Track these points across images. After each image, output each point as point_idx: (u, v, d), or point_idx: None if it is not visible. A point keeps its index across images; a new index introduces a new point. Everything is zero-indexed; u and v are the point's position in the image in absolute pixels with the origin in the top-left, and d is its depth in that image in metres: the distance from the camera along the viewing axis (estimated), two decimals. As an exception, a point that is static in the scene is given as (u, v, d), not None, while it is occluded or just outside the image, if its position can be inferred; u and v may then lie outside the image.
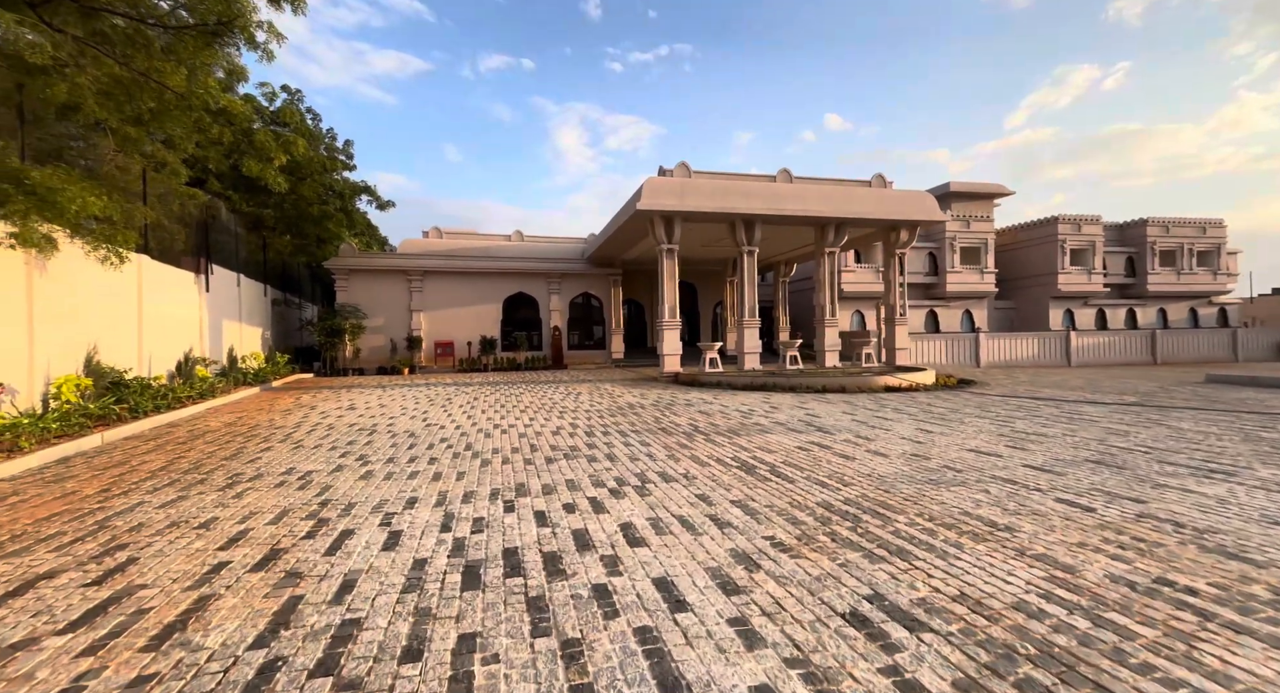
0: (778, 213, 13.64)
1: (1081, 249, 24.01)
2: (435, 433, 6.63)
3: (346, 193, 16.38)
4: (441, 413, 8.33)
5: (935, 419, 7.14)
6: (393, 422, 7.54)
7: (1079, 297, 24.48)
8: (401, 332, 18.57)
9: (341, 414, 8.29)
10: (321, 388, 12.72)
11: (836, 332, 14.96)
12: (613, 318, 20.49)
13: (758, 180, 14.43)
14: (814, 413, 7.82)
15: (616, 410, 8.40)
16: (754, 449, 5.45)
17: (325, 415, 8.19)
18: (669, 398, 9.93)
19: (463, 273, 19.25)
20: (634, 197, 13.42)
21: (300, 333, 19.20)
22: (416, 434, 6.57)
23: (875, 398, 9.58)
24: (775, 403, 9.02)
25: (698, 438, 6.10)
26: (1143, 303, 25.50)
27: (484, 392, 11.42)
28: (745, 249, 14.10)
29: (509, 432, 6.68)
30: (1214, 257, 25.81)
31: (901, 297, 15.54)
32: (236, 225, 13.72)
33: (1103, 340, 21.40)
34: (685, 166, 13.92)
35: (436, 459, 5.23)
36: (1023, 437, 5.87)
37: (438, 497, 4.00)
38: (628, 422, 7.33)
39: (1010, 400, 9.03)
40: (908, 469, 4.56)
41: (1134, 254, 25.24)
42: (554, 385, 12.70)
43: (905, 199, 14.77)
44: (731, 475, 4.47)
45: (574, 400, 9.74)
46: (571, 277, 20.33)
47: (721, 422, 7.20)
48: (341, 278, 17.96)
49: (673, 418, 7.58)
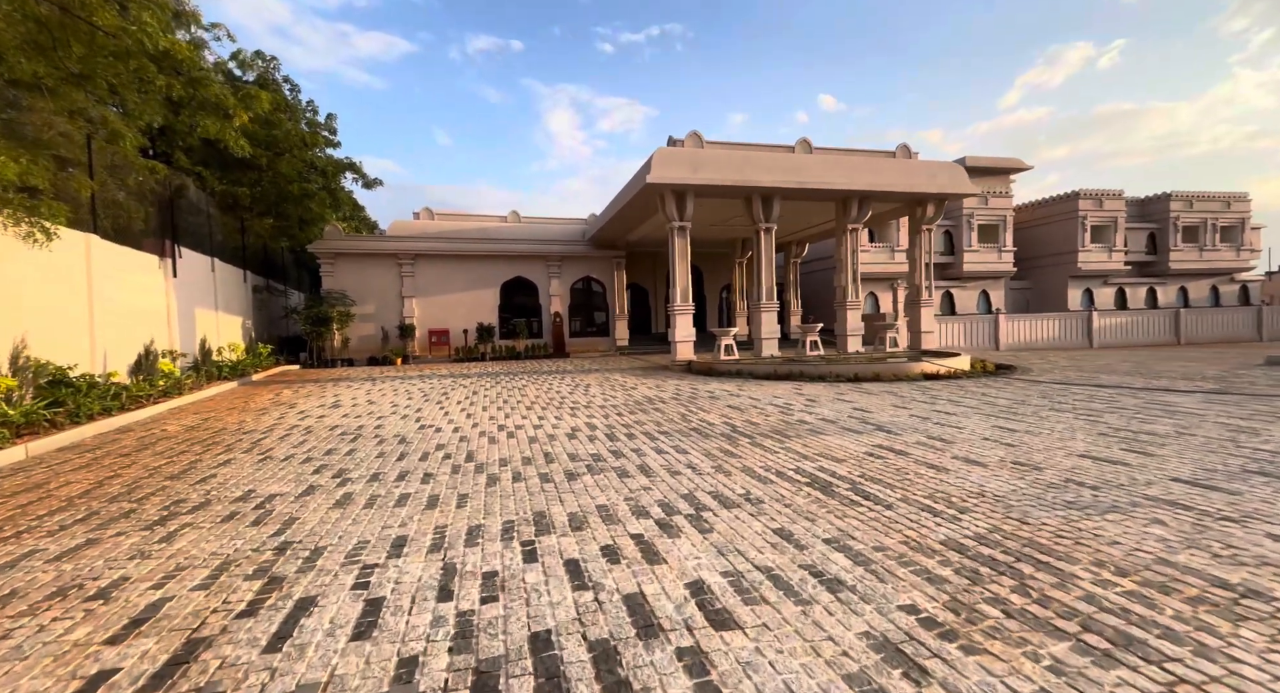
0: (798, 186, 12.57)
1: (1103, 226, 23.03)
2: (430, 438, 5.66)
3: (330, 170, 15.17)
4: (437, 411, 7.35)
5: (1005, 413, 6.21)
6: (381, 423, 6.56)
7: (1099, 275, 23.57)
8: (393, 319, 17.50)
9: (323, 414, 7.30)
10: (306, 381, 11.70)
11: (859, 315, 14.00)
12: (616, 303, 19.46)
13: (775, 151, 13.32)
14: (861, 407, 6.88)
15: (635, 406, 7.44)
16: (815, 457, 4.51)
17: (305, 416, 7.20)
18: (689, 390, 8.98)
19: (457, 256, 18.12)
20: (642, 169, 12.31)
21: (285, 322, 18.09)
22: (408, 440, 5.59)
23: (918, 387, 8.66)
24: (810, 395, 8.08)
25: (741, 442, 5.15)
26: (1163, 281, 24.63)
27: (483, 384, 10.44)
28: (763, 226, 13.05)
29: (516, 435, 5.71)
30: (1237, 232, 24.90)
31: (927, 277, 14.57)
32: (209, 205, 12.55)
33: (1125, 320, 20.55)
34: (697, 136, 12.80)
35: (432, 475, 4.27)
36: (1131, 437, 4.95)
37: (433, 536, 3.04)
38: (651, 420, 6.37)
39: (1073, 389, 8.12)
40: (1024, 485, 3.63)
41: (1156, 230, 24.28)
42: (558, 376, 11.73)
43: (933, 171, 13.70)
44: (805, 497, 3.52)
45: (584, 394, 8.78)
46: (572, 259, 19.24)
47: (759, 419, 6.26)
48: (327, 262, 16.82)
49: (702, 415, 6.64)
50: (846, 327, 13.87)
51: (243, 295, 14.82)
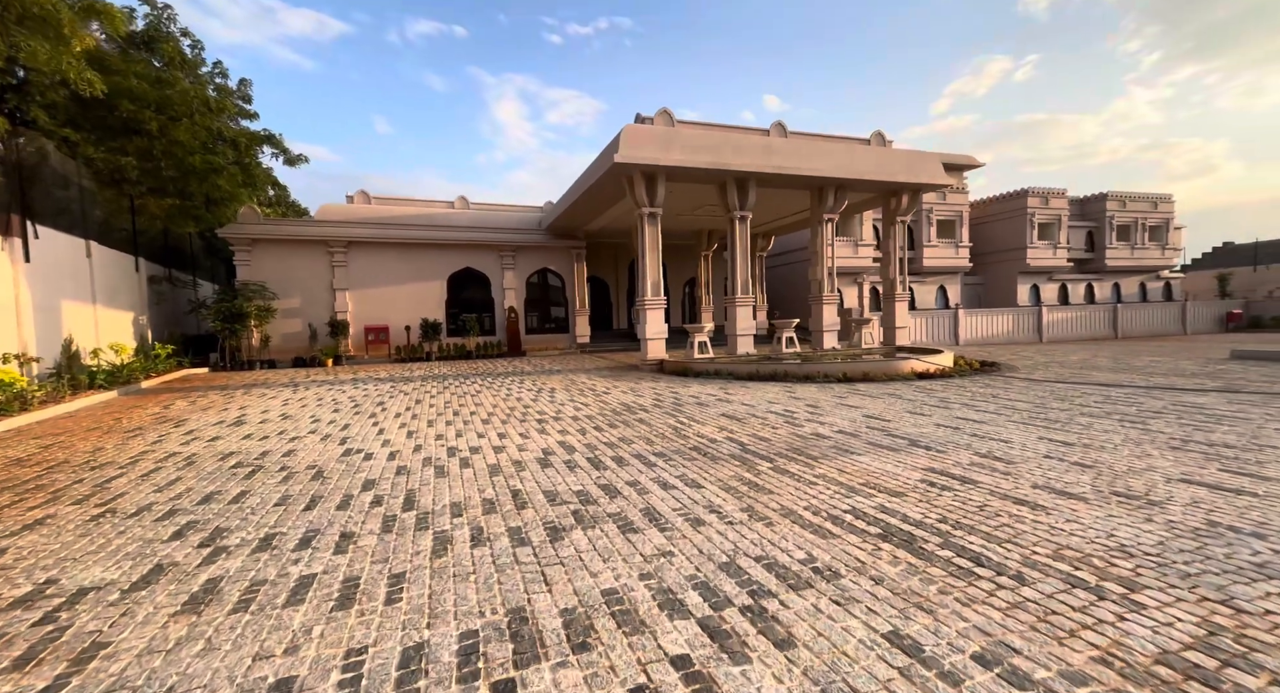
0: (776, 171, 11.73)
1: (1048, 223, 23.78)
2: (357, 469, 4.32)
3: (243, 142, 13.03)
4: (370, 428, 5.94)
5: (1040, 421, 5.51)
6: (293, 447, 5.11)
7: (1045, 271, 24.36)
8: (323, 315, 15.51)
9: (219, 435, 5.74)
10: (210, 389, 9.82)
11: (835, 310, 13.40)
12: (577, 297, 18.17)
13: (749, 133, 12.44)
14: (873, 414, 6.04)
15: (614, 417, 6.30)
16: (865, 490, 3.54)
17: (193, 437, 5.61)
18: (670, 395, 7.92)
19: (398, 244, 16.29)
20: (609, 147, 11.11)
21: (195, 318, 15.69)
22: (326, 474, 4.23)
23: (917, 388, 7.97)
24: (808, 399, 7.20)
25: (760, 467, 4.13)
26: (1100, 278, 25.80)
27: (429, 390, 8.99)
28: (737, 214, 12.15)
29: (472, 462, 4.46)
30: (1163, 231, 26.41)
31: (901, 271, 14.16)
32: (83, 177, 10.33)
33: (1071, 316, 21.23)
34: (668, 114, 11.73)
35: (353, 537, 2.99)
36: (1211, 450, 4.28)
37: (342, 674, 1.82)
38: (638, 437, 5.26)
39: (1080, 389, 7.64)
40: (1162, 532, 2.78)
41: (1094, 229, 25.36)
42: (517, 379, 10.40)
43: (910, 160, 13.24)
44: (893, 562, 2.52)
45: (550, 401, 7.55)
46: (528, 250, 17.77)
47: (768, 433, 5.27)
48: (242, 249, 14.63)
49: (697, 428, 5.59)
50: (823, 322, 13.23)
51: (134, 287, 12.54)
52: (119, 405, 8.02)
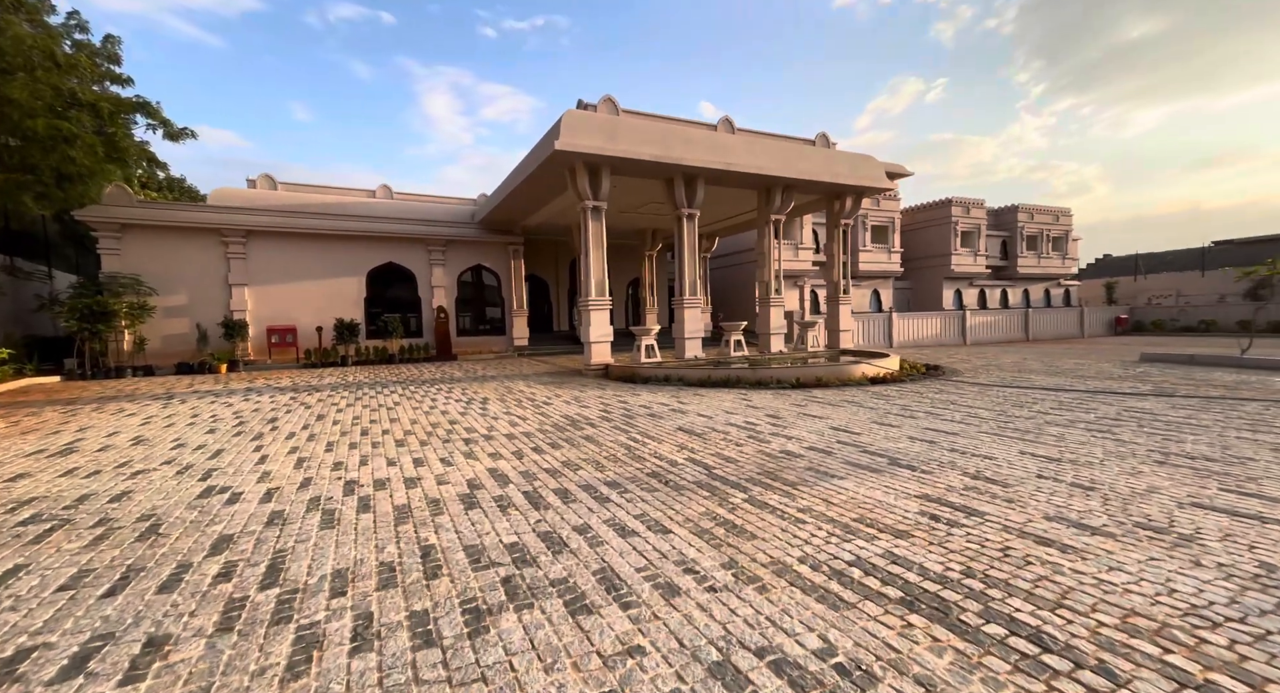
0: (725, 167, 11.28)
1: (970, 231, 25.15)
2: (212, 519, 3.24)
3: (105, 108, 10.92)
4: (249, 455, 4.76)
5: (1011, 432, 5.23)
6: (132, 486, 3.90)
7: (967, 277, 25.76)
8: (215, 313, 13.50)
9: (28, 471, 4.37)
10: (53, 404, 8.01)
11: (782, 313, 13.16)
12: (514, 297, 17.02)
13: (696, 127, 11.93)
14: (840, 426, 5.57)
15: (556, 434, 5.46)
16: (863, 530, 2.95)
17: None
18: (618, 405, 7.17)
19: (309, 235, 14.50)
20: (549, 134, 10.21)
21: (49, 317, 13.16)
22: (165, 528, 3.13)
23: (873, 394, 7.69)
24: (767, 408, 6.68)
25: (733, 499, 3.47)
26: (1013, 284, 27.66)
27: (337, 401, 7.73)
28: (685, 212, 11.60)
29: (374, 504, 3.50)
30: (1064, 242, 28.73)
31: (845, 273, 14.17)
32: None
33: (990, 319, 22.51)
34: (612, 102, 10.98)
35: (164, 647, 2.00)
36: (1193, 464, 4.07)
37: None
38: (586, 459, 4.47)
39: (1030, 394, 7.62)
40: (1218, 580, 2.35)
41: (1007, 238, 27.15)
42: (445, 387, 9.27)
43: (854, 163, 13.24)
44: (934, 651, 1.90)
45: (481, 414, 6.59)
46: (460, 244, 16.43)
47: (731, 451, 4.64)
48: (109, 236, 12.42)
49: (652, 446, 4.87)
50: (769, 325, 12.95)
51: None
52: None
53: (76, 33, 12.27)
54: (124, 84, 12.82)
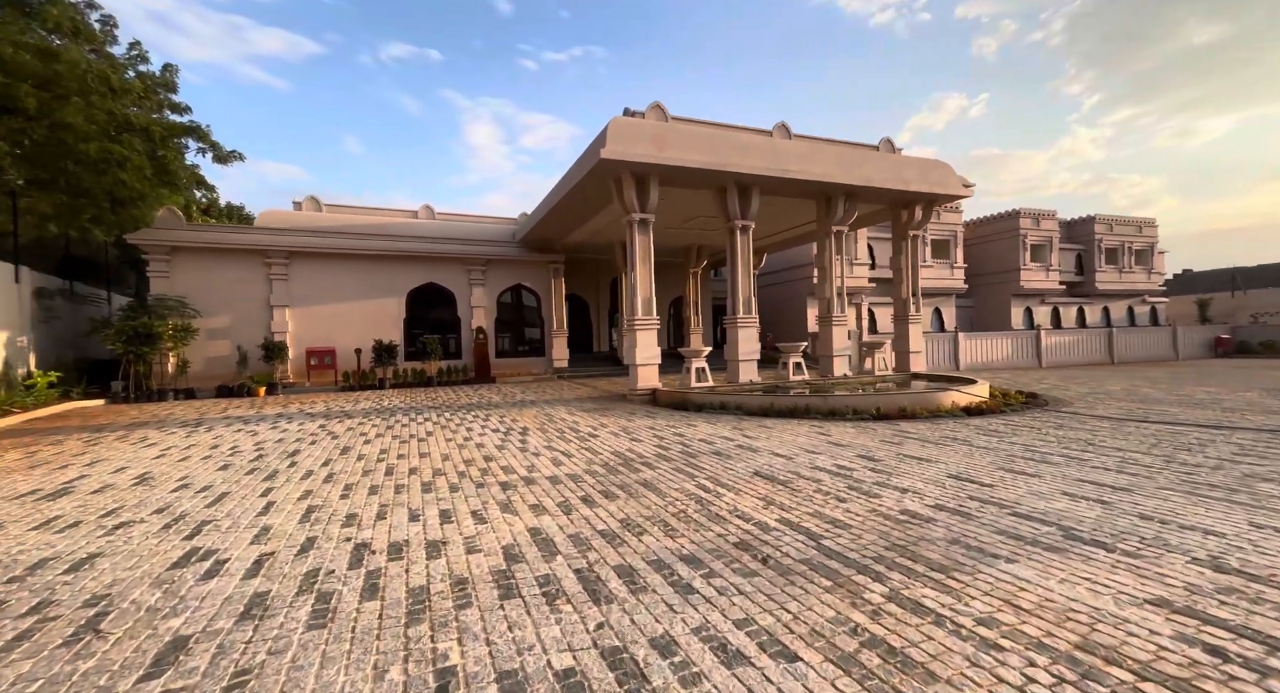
0: (782, 175, 10.37)
1: (1040, 245, 23.24)
2: (174, 608, 2.45)
3: (157, 132, 11.05)
4: (254, 501, 4.04)
5: (1206, 489, 3.99)
6: (102, 547, 3.20)
7: (1037, 294, 23.74)
8: (256, 335, 13.38)
9: (2, 522, 3.76)
10: (83, 430, 7.69)
11: (845, 332, 11.98)
12: (554, 317, 16.42)
13: (750, 133, 11.10)
14: (959, 473, 4.44)
15: (608, 478, 4.55)
16: (1093, 667, 1.89)
17: (-42, 527, 3.63)
18: (675, 438, 6.21)
19: (350, 256, 14.36)
20: (594, 144, 9.58)
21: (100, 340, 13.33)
22: (109, 622, 2.35)
23: (978, 429, 6.46)
24: (852, 445, 5.58)
25: (871, 595, 2.44)
26: (1090, 301, 25.35)
27: (365, 431, 7.08)
28: (739, 224, 10.71)
29: (384, 586, 2.65)
30: (1148, 255, 26.26)
31: (915, 289, 12.90)
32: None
33: (1069, 340, 20.44)
34: (661, 109, 10.30)
35: None
36: None
37: None
38: (650, 518, 3.53)
39: (1182, 431, 6.23)
40: None
41: (1082, 251, 25.00)
42: (482, 414, 8.55)
43: (924, 168, 12.09)
44: None
45: (521, 449, 5.75)
46: (500, 264, 16.03)
47: (834, 509, 3.61)
48: (158, 259, 12.51)
49: (729, 498, 3.89)
50: (832, 346, 11.78)
51: (10, 301, 10.30)
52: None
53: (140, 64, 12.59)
54: (180, 112, 13.08)
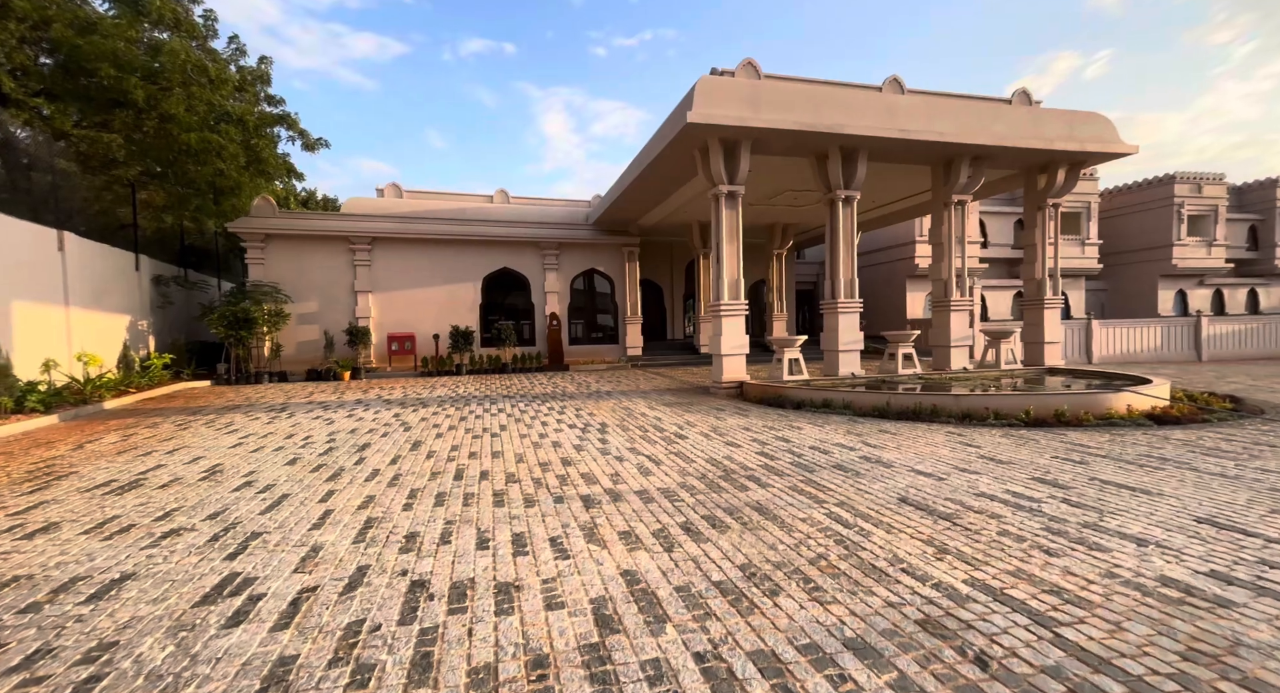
0: (898, 135, 8.89)
1: (1202, 216, 19.48)
2: (180, 682, 1.89)
3: (251, 121, 11.38)
4: (311, 508, 3.57)
5: None
6: (133, 572, 2.78)
7: (1195, 274, 20.00)
8: (341, 321, 13.72)
9: (59, 521, 3.52)
10: (182, 412, 7.91)
11: (966, 319, 10.31)
12: (628, 303, 15.74)
13: (857, 90, 9.61)
14: (1209, 516, 3.16)
15: (708, 497, 3.68)
16: None
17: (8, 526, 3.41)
18: (778, 443, 5.24)
19: (428, 241, 14.37)
20: (679, 108, 8.61)
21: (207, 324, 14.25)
22: (103, 684, 1.81)
23: (1183, 444, 4.95)
24: (1014, 460, 4.34)
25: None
26: (1267, 282, 21.08)
27: (439, 421, 6.68)
28: (842, 195, 9.36)
29: (441, 661, 1.95)
30: (1346, 226, 21.38)
31: (1052, 269, 10.90)
32: (52, 153, 8.74)
33: (1238, 328, 16.98)
34: (753, 65, 9.10)
35: None
36: None
37: None
38: (776, 561, 2.62)
39: None
40: None
41: (1258, 222, 20.75)
42: (556, 404, 7.98)
43: (1072, 121, 10.05)
44: None
45: (601, 450, 5.03)
46: (573, 247, 15.51)
47: (1042, 570, 2.52)
48: (255, 246, 13.04)
49: (879, 538, 2.90)
50: (950, 335, 10.18)
51: (131, 288, 11.01)
52: (31, 440, 6.08)
53: (240, 59, 13.03)
54: (275, 104, 13.45)
